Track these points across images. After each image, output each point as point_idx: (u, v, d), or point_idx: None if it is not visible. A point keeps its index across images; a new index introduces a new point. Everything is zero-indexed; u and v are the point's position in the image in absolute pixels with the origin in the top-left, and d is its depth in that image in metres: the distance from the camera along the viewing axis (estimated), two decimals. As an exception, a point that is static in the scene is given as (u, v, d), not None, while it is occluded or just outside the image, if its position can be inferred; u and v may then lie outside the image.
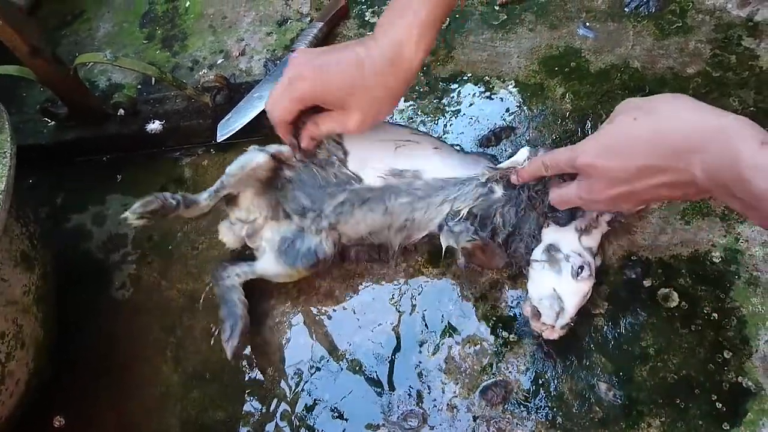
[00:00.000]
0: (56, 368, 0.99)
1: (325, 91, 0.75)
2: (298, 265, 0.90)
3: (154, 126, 1.16)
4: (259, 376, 0.94)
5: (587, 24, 1.14)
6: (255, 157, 0.88)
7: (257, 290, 1.00)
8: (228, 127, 1.12)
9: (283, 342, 0.96)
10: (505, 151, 1.03)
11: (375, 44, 0.73)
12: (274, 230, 0.93)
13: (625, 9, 1.14)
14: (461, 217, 0.84)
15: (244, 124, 1.11)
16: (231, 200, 0.93)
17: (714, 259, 0.87)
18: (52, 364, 0.97)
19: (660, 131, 0.60)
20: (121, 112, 1.17)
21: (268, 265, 0.93)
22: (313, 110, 0.81)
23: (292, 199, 0.90)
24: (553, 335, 0.80)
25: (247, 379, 0.94)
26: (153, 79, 1.27)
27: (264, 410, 0.91)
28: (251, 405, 0.92)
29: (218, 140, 1.12)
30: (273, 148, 0.89)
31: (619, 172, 0.63)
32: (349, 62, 0.73)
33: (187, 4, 1.44)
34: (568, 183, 0.74)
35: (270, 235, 0.93)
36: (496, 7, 1.22)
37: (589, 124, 1.03)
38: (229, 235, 0.96)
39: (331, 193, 0.88)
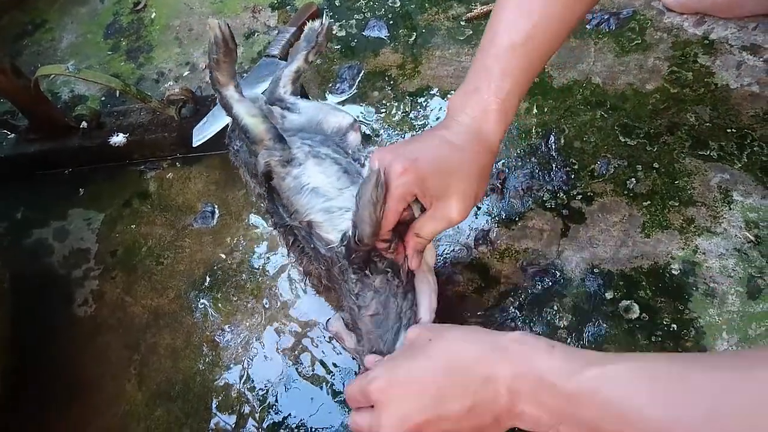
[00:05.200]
0: (14, 389, 0.96)
1: (425, 179, 0.67)
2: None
3: (118, 139, 1.14)
4: (226, 393, 0.93)
5: (550, 40, 1.16)
6: None
7: (223, 314, 1.00)
8: (203, 132, 1.10)
9: (251, 357, 0.95)
10: (471, 165, 1.05)
11: (455, 123, 0.71)
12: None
13: (587, 26, 1.17)
14: None
15: (220, 128, 1.09)
16: None
17: (673, 272, 0.90)
18: (9, 385, 0.94)
19: (454, 355, 0.60)
20: (84, 124, 1.15)
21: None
22: None
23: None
24: None
25: (213, 396, 0.93)
26: (117, 91, 1.25)
27: (231, 428, 0.90)
28: (218, 422, 0.91)
29: (193, 145, 1.10)
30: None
31: (413, 402, 0.59)
32: (439, 146, 0.70)
33: (153, 15, 1.43)
34: (365, 411, 0.64)
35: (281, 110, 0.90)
36: (463, 23, 1.24)
37: (552, 138, 1.05)
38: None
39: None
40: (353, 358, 0.88)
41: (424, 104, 1.14)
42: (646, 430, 0.48)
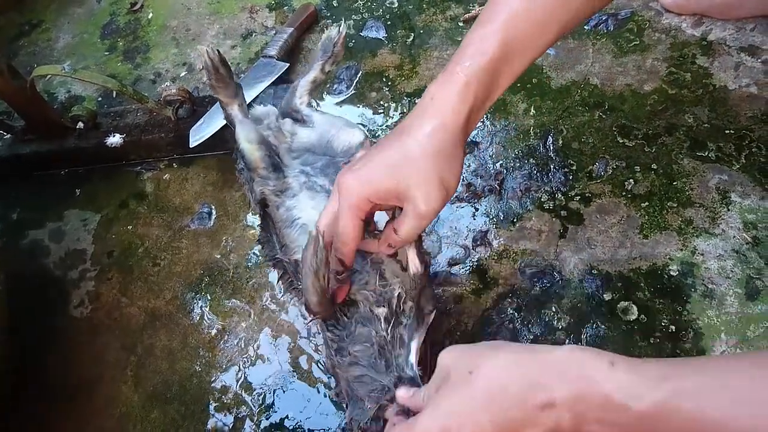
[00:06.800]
0: (11, 391, 0.95)
1: (374, 181, 0.62)
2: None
3: (115, 140, 1.14)
4: (223, 395, 0.92)
5: (548, 41, 1.16)
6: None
7: (219, 315, 0.99)
8: (200, 133, 1.10)
9: (248, 359, 0.95)
10: (469, 166, 1.04)
11: (413, 111, 0.65)
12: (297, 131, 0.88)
13: (585, 27, 1.16)
14: None
15: (217, 129, 1.09)
16: None
17: (671, 273, 0.89)
18: (5, 387, 0.94)
19: (503, 385, 0.53)
20: (81, 125, 1.14)
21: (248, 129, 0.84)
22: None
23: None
24: None
25: (210, 397, 0.93)
26: (114, 92, 1.24)
27: (228, 429, 0.90)
28: (215, 424, 0.91)
29: (190, 146, 1.10)
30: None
31: None
32: (389, 143, 0.64)
33: (150, 15, 1.43)
34: None
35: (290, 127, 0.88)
36: (460, 23, 1.23)
37: (550, 139, 1.04)
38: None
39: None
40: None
41: (421, 105, 1.13)
42: None
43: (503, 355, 0.55)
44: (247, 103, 1.07)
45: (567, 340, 0.87)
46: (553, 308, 0.90)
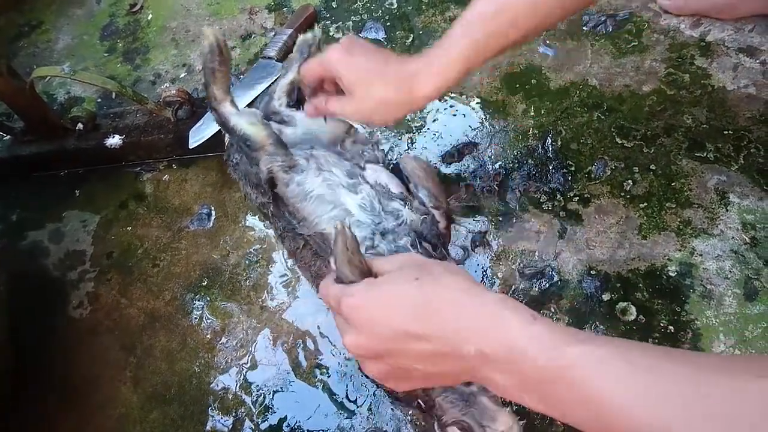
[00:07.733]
0: (11, 391, 0.95)
1: (343, 69, 0.76)
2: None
3: (114, 141, 1.14)
4: (222, 396, 0.92)
5: (547, 42, 1.16)
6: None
7: (219, 316, 0.99)
8: (199, 134, 1.10)
9: (247, 360, 0.95)
10: (468, 167, 1.05)
11: (405, 61, 0.77)
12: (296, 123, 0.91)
13: (584, 28, 1.17)
14: None
15: (216, 130, 1.09)
16: None
17: (670, 273, 0.90)
18: (6, 387, 0.94)
19: (437, 296, 0.58)
20: (80, 126, 1.14)
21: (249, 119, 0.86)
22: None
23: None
24: None
25: (209, 398, 0.93)
26: (113, 93, 1.24)
27: (227, 430, 0.90)
28: (214, 425, 0.91)
29: (190, 147, 1.10)
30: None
31: (379, 329, 0.58)
32: (377, 59, 0.77)
33: (149, 17, 1.43)
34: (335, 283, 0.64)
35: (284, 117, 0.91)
36: (459, 24, 1.23)
37: (549, 140, 1.05)
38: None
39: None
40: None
41: (421, 106, 1.13)
42: (611, 418, 0.46)
43: (450, 278, 0.59)
44: (248, 103, 1.08)
45: (566, 341, 0.87)
46: (552, 308, 0.90)
